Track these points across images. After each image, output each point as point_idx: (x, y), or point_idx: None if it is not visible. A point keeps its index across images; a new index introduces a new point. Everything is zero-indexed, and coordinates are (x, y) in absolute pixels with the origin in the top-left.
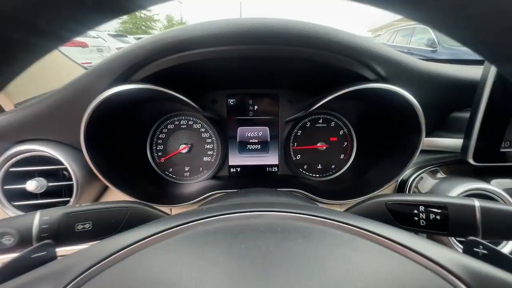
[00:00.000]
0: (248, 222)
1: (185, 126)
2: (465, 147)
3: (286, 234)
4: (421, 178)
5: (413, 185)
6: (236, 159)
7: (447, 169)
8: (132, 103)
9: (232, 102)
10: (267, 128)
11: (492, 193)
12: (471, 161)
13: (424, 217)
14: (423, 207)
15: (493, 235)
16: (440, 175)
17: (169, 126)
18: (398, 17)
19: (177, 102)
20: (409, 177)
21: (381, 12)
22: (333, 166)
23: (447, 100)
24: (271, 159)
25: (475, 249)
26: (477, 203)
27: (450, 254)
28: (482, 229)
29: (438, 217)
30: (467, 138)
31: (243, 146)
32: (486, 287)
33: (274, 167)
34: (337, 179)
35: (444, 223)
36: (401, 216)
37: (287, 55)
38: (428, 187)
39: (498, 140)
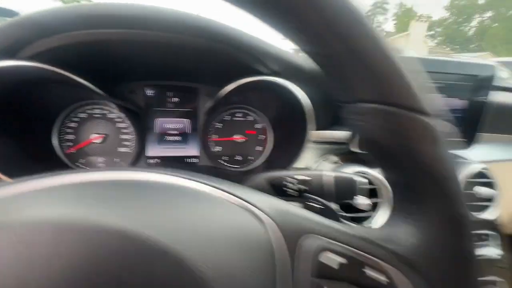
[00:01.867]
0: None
1: (100, 115)
2: (350, 137)
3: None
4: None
5: None
6: (155, 150)
7: (344, 158)
8: (32, 86)
9: (150, 93)
10: (187, 120)
11: (368, 175)
12: (355, 149)
13: (291, 187)
14: (290, 179)
15: (343, 198)
16: (337, 163)
17: (81, 115)
18: None
19: (84, 89)
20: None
21: None
22: (251, 158)
23: None
24: (191, 150)
25: (312, 204)
26: (332, 173)
27: (265, 198)
28: (336, 194)
29: (302, 186)
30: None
31: (162, 138)
32: (287, 219)
33: (194, 158)
34: (254, 170)
35: (306, 191)
36: (275, 187)
37: (180, 43)
38: None
39: None
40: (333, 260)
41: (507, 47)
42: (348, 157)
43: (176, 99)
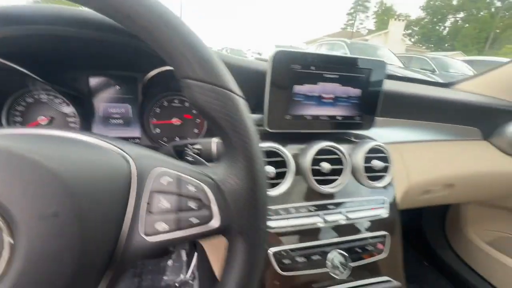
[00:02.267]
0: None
1: (46, 100)
2: (262, 119)
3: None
4: None
5: None
6: (100, 132)
7: (264, 136)
8: None
9: (93, 81)
10: (127, 105)
11: (275, 149)
12: (267, 128)
13: (188, 152)
14: (190, 146)
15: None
16: None
17: (28, 100)
18: (326, 32)
19: (28, 77)
20: None
21: (314, 27)
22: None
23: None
24: (133, 132)
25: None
26: (216, 140)
27: (136, 147)
28: (217, 154)
29: (196, 150)
30: (263, 112)
31: (107, 121)
32: (145, 158)
33: (137, 139)
34: None
35: (199, 154)
36: (178, 154)
37: (96, 37)
38: None
39: (283, 114)
40: (166, 180)
41: (477, 46)
42: (267, 135)
43: (117, 87)
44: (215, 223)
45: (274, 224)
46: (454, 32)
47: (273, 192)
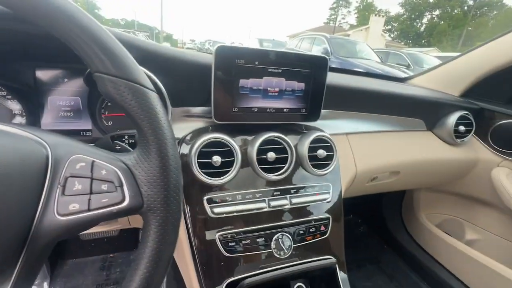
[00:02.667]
0: None
1: None
2: (211, 111)
3: None
4: None
5: None
6: (50, 125)
7: (214, 128)
8: None
9: (41, 74)
10: (77, 98)
11: (222, 139)
12: (215, 120)
13: (118, 142)
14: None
15: None
16: None
17: None
18: (309, 26)
19: None
20: None
21: (298, 21)
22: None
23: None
24: (84, 124)
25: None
26: None
27: (58, 137)
28: None
29: (131, 140)
30: (211, 105)
31: (57, 114)
32: (64, 146)
33: (88, 131)
34: None
35: (134, 143)
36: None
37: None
38: None
39: (229, 106)
40: (81, 165)
41: (451, 43)
42: (217, 127)
43: (65, 79)
44: (127, 203)
45: (220, 210)
46: (430, 29)
47: (221, 181)
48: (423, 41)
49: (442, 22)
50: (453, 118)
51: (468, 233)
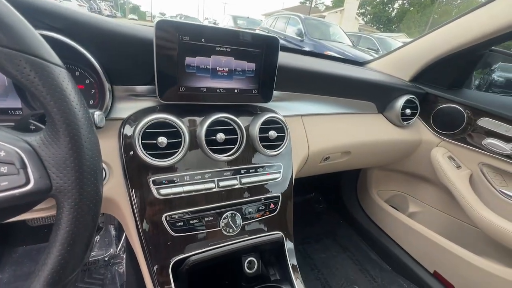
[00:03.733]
0: None
1: None
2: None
3: None
4: None
5: None
6: None
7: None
8: None
9: None
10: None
11: (169, 120)
12: (160, 99)
13: (33, 122)
14: None
15: None
16: None
17: None
18: (285, 6)
19: None
20: None
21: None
22: None
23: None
24: (12, 103)
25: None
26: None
27: None
28: None
29: None
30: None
31: None
32: None
33: (17, 110)
34: None
35: None
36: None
37: None
38: None
39: (176, 86)
40: None
41: (419, 29)
42: (165, 107)
43: None
44: (32, 186)
45: (167, 191)
46: (401, 15)
47: (167, 162)
48: (393, 26)
49: (412, 8)
50: (400, 102)
51: (411, 206)
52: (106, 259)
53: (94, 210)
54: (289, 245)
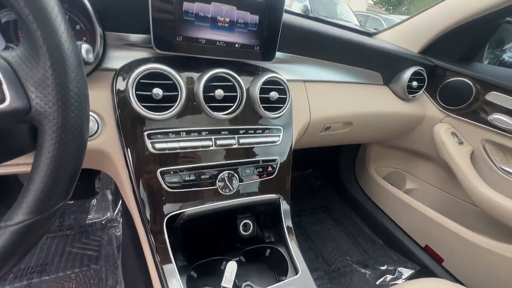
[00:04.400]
0: None
1: None
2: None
3: None
4: None
5: None
6: None
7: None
8: None
9: None
10: None
11: (165, 71)
12: (155, 48)
13: None
14: None
15: None
16: None
17: None
18: None
19: None
20: None
21: None
22: None
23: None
24: None
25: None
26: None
27: None
28: None
29: None
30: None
31: None
32: None
33: None
34: None
35: None
36: None
37: None
38: None
39: (172, 34)
40: None
41: None
42: (161, 59)
43: None
44: (8, 104)
45: (162, 146)
46: None
47: (162, 116)
48: (403, 9)
49: None
50: (408, 73)
51: (408, 183)
52: (103, 222)
53: (79, 139)
54: (285, 206)
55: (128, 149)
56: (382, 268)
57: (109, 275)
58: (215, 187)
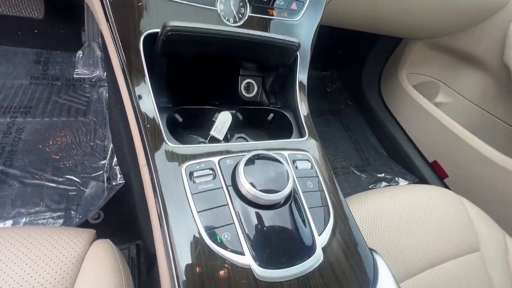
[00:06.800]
0: None
1: None
2: None
3: None
4: None
5: None
6: None
7: None
8: None
9: None
10: None
11: None
12: None
13: None
14: None
15: None
16: None
17: None
18: None
19: None
20: None
21: None
22: None
23: None
24: None
25: None
26: None
27: None
28: None
29: None
30: None
31: None
32: None
33: None
34: None
35: None
36: None
37: None
38: None
39: None
40: None
41: None
42: None
43: None
44: None
45: None
46: None
47: None
48: None
49: None
50: None
51: (440, 95)
52: (92, 80)
53: None
54: (303, 61)
55: None
56: (379, 175)
57: (98, 128)
58: (215, 8)
